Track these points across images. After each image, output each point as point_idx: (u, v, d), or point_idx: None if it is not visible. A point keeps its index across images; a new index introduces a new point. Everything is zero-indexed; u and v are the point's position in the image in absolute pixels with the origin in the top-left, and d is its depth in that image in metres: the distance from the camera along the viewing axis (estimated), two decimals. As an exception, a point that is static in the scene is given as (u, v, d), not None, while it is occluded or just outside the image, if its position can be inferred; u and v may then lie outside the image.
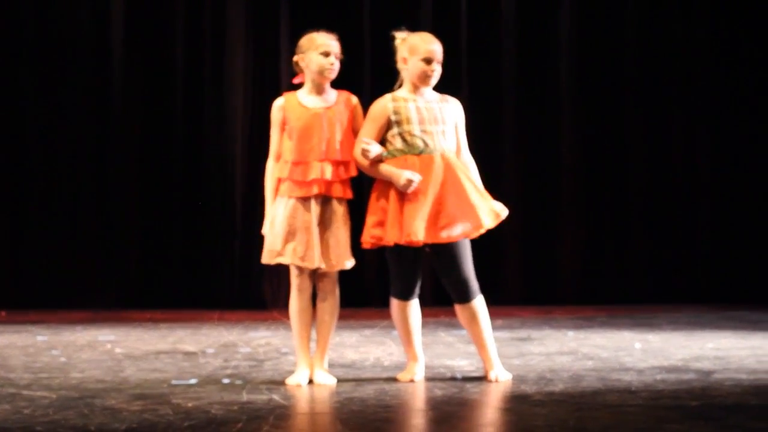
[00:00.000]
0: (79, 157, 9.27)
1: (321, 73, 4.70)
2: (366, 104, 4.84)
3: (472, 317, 4.67)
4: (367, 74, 9.34)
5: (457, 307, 4.69)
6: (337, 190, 4.68)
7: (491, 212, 4.66)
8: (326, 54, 4.69)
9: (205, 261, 9.23)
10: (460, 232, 4.57)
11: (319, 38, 4.71)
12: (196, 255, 9.23)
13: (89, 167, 9.27)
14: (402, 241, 4.57)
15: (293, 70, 4.83)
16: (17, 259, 9.18)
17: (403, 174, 4.57)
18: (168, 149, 9.30)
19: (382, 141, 4.72)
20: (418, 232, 4.53)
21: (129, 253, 9.23)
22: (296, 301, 4.70)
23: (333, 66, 4.70)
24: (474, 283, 4.65)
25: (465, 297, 4.64)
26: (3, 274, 9.11)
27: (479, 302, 4.67)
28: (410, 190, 4.56)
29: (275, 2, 9.39)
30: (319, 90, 4.74)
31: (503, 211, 4.70)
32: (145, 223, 9.26)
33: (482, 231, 4.66)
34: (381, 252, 4.82)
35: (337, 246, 4.66)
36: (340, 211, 4.69)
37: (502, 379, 4.66)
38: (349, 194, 4.72)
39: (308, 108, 4.69)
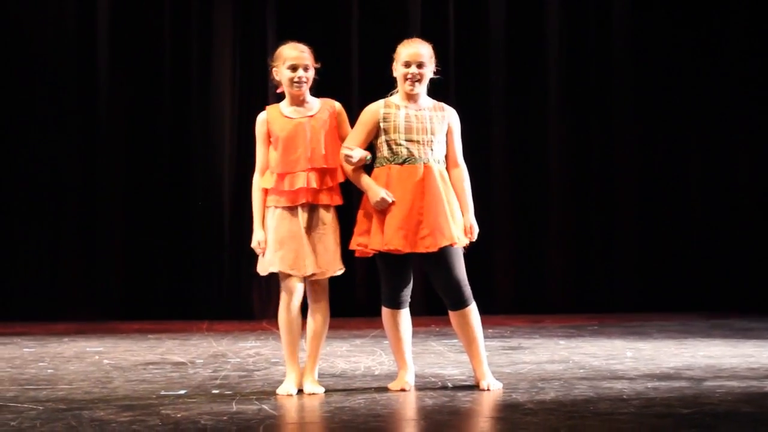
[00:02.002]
0: (65, 169, 9.22)
1: (290, 87, 4.70)
2: (354, 113, 4.84)
3: (466, 324, 4.67)
4: (355, 83, 9.34)
5: (451, 314, 4.69)
6: (324, 198, 4.68)
7: (470, 228, 4.69)
8: (293, 68, 4.68)
9: (193, 271, 9.20)
10: (440, 243, 4.57)
11: (285, 51, 4.72)
12: (184, 266, 9.19)
13: (75, 178, 9.23)
14: (383, 249, 4.59)
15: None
16: (2, 271, 9.13)
17: (379, 192, 4.60)
18: (155, 160, 9.26)
19: (370, 147, 4.73)
20: (396, 242, 4.56)
21: (116, 264, 9.19)
22: (285, 311, 4.68)
23: (301, 79, 4.69)
24: (467, 290, 4.65)
25: (458, 304, 4.65)
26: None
27: (473, 309, 4.67)
28: (381, 208, 4.59)
29: (262, 12, 9.38)
30: (298, 101, 4.74)
31: (473, 235, 4.70)
32: (133, 233, 9.22)
33: (456, 245, 4.62)
34: (370, 261, 4.82)
35: (325, 253, 4.66)
36: (327, 218, 4.69)
37: (493, 388, 4.64)
38: (338, 201, 4.73)
39: (291, 118, 4.70)
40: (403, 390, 4.66)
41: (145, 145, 9.27)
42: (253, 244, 4.70)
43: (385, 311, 4.75)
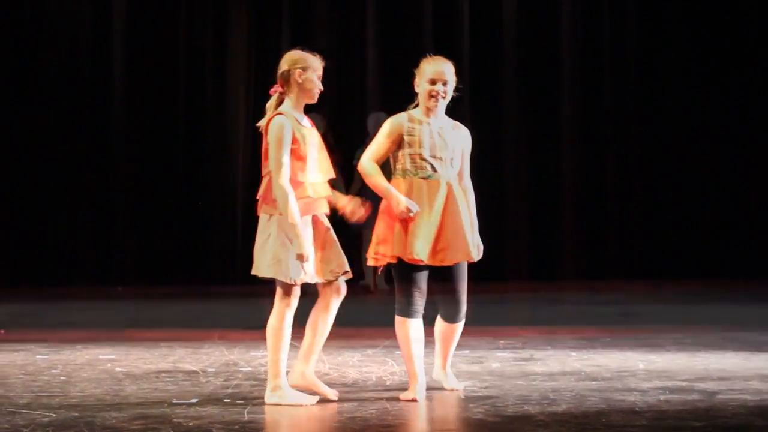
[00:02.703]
0: (77, 179, 9.28)
1: (313, 94, 4.70)
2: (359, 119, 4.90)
3: (452, 335, 4.92)
4: (372, 92, 9.38)
5: (441, 324, 4.90)
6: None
7: (476, 247, 4.86)
8: (320, 78, 4.70)
9: (206, 279, 9.22)
10: (456, 258, 4.74)
11: (316, 61, 4.72)
12: (197, 273, 9.21)
13: (88, 186, 9.28)
14: (405, 258, 4.66)
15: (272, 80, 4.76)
16: (15, 279, 9.17)
17: (403, 201, 4.67)
18: (169, 167, 9.31)
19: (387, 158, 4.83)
20: (421, 252, 4.65)
21: (129, 269, 9.21)
22: (289, 318, 4.64)
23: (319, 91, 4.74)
24: (465, 307, 4.87)
25: (456, 317, 4.87)
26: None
27: (462, 325, 4.93)
28: (403, 217, 4.66)
29: (277, 14, 9.42)
30: (302, 110, 4.73)
31: (480, 251, 4.89)
32: (145, 237, 9.25)
33: (470, 260, 4.81)
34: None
35: (342, 254, 4.73)
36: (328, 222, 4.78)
37: (460, 387, 4.92)
38: None
39: (309, 128, 4.70)
40: (414, 400, 4.66)
41: (159, 154, 9.32)
42: (304, 249, 4.56)
43: (399, 320, 4.78)
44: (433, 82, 4.77)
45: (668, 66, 10.06)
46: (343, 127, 9.27)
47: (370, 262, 4.78)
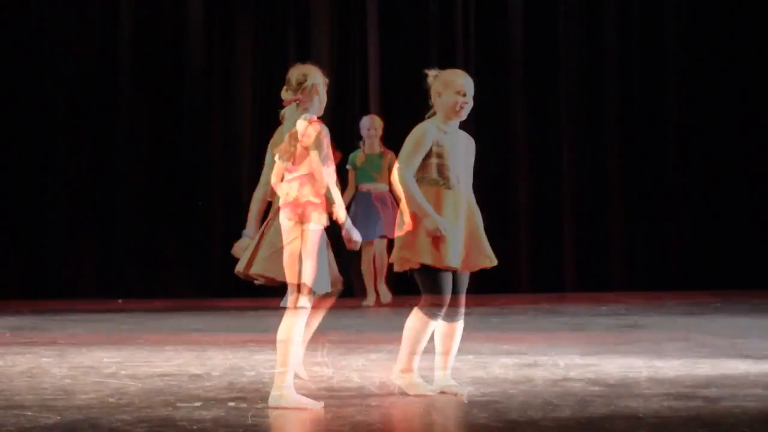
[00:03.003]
0: (78, 189, 9.32)
1: (323, 108, 4.74)
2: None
3: (453, 335, 5.01)
4: (375, 102, 9.41)
5: (443, 324, 4.97)
6: None
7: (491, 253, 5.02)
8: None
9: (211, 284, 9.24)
10: (480, 264, 4.94)
11: (323, 76, 4.73)
12: (203, 279, 9.23)
13: (94, 195, 9.32)
14: (440, 266, 4.79)
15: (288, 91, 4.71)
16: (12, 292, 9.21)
17: (437, 221, 4.75)
18: (174, 171, 9.34)
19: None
20: (455, 260, 4.80)
21: (132, 280, 9.24)
22: (302, 326, 4.66)
23: None
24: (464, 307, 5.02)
25: (456, 316, 4.99)
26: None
27: (462, 324, 5.04)
28: (434, 234, 4.75)
29: (283, 18, 9.46)
30: None
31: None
32: (152, 240, 9.28)
33: (493, 265, 4.99)
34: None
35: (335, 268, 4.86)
36: None
37: (461, 392, 4.93)
38: None
39: None
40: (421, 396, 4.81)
41: (161, 158, 9.36)
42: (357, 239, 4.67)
43: (420, 316, 4.90)
44: (463, 94, 4.86)
45: (671, 75, 10.08)
46: (338, 133, 9.29)
47: (397, 268, 4.91)
